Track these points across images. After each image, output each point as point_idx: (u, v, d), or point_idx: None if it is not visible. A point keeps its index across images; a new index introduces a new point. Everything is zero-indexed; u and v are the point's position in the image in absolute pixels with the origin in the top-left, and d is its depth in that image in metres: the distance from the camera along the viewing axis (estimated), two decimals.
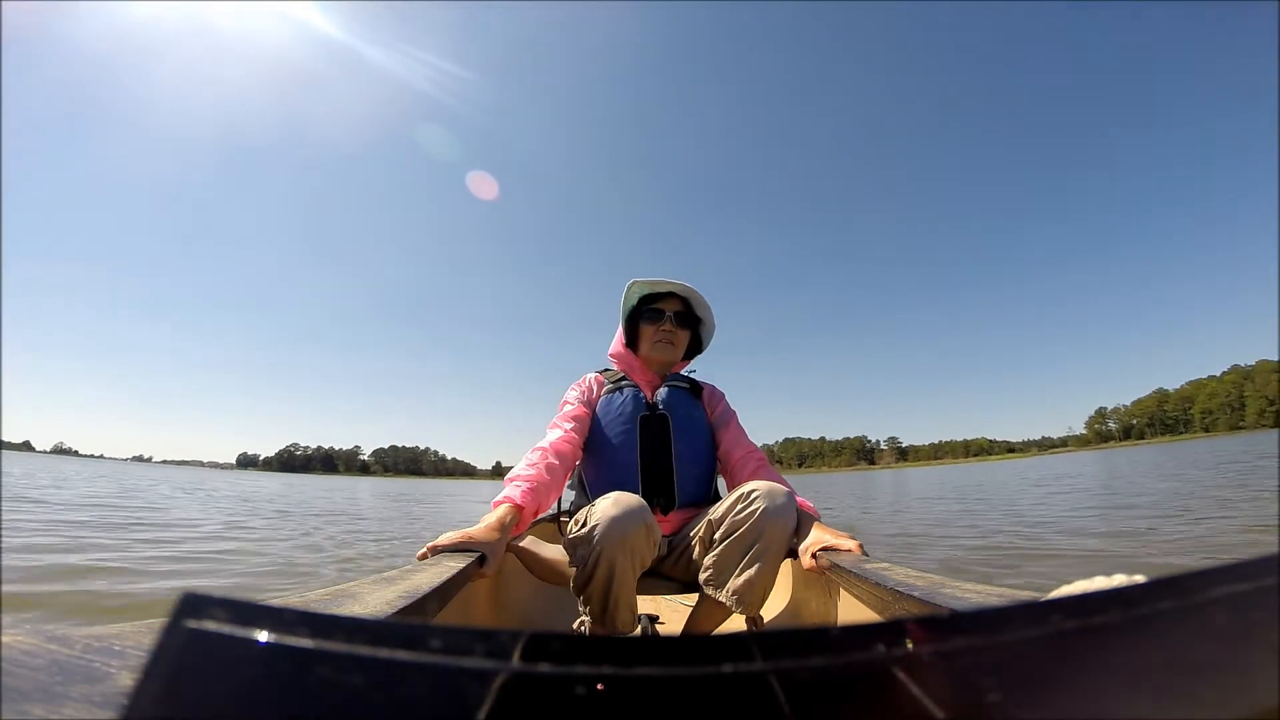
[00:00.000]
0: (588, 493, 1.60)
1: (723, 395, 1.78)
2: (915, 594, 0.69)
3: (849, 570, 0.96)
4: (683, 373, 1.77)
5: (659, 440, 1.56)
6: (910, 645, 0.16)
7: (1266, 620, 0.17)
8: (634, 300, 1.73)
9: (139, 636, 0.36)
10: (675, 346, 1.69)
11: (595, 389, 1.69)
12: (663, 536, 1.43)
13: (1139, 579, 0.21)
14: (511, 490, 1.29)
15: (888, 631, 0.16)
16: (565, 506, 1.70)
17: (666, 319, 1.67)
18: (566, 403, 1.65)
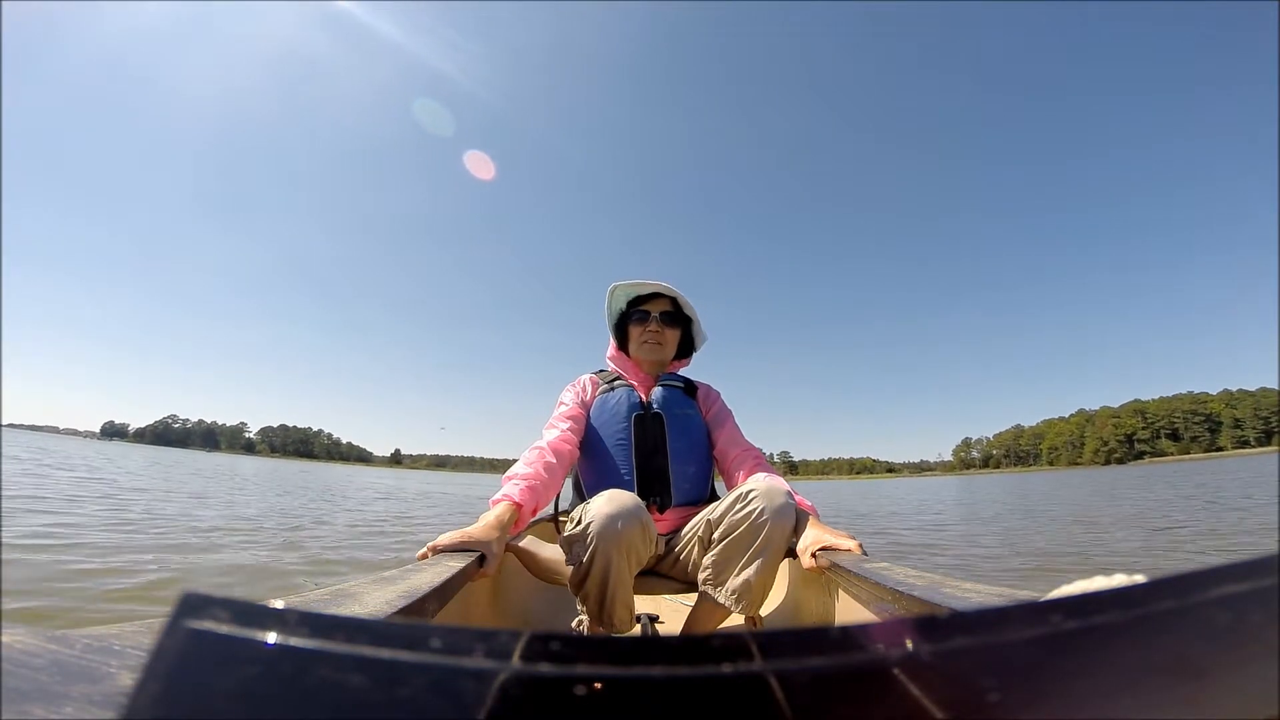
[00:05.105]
0: (584, 493, 1.61)
1: (718, 394, 1.78)
2: (915, 593, 0.69)
3: (848, 570, 0.96)
4: (678, 373, 1.78)
5: (654, 439, 1.57)
6: (910, 645, 0.16)
7: (1266, 620, 0.17)
8: (621, 303, 1.75)
9: (139, 636, 0.36)
10: (664, 346, 1.70)
11: (590, 389, 1.69)
12: (660, 535, 1.43)
13: (1139, 579, 0.21)
14: (510, 489, 1.29)
15: (887, 631, 0.16)
16: (563, 506, 1.71)
17: (653, 319, 1.68)
18: (562, 403, 1.65)
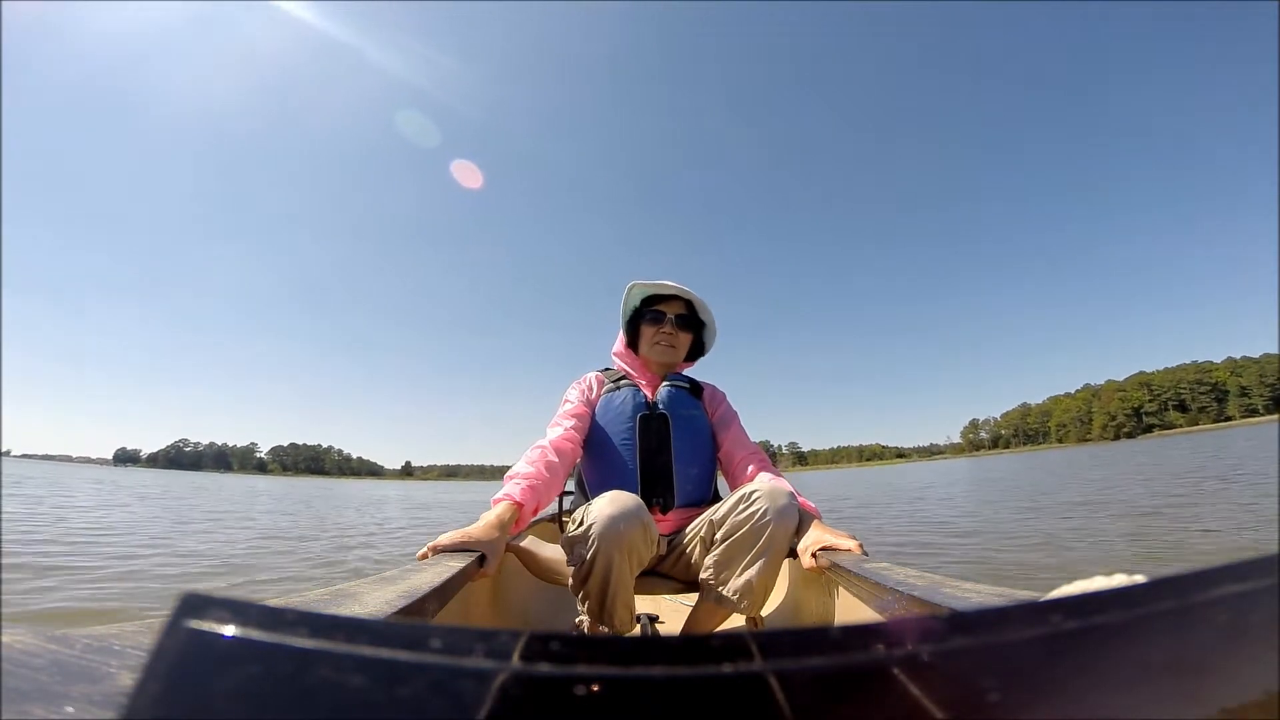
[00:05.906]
0: (586, 492, 1.60)
1: (724, 396, 1.78)
2: (915, 594, 0.69)
3: (849, 570, 0.96)
4: (684, 373, 1.78)
5: (659, 440, 1.56)
6: (910, 645, 0.16)
7: (1266, 620, 0.17)
8: (636, 301, 1.74)
9: (139, 636, 0.36)
10: (676, 349, 1.70)
11: (595, 388, 1.69)
12: (662, 536, 1.43)
13: (1139, 579, 0.21)
14: (511, 488, 1.29)
15: (888, 631, 0.16)
16: (566, 505, 1.70)
17: (668, 321, 1.67)
18: (567, 401, 1.65)
